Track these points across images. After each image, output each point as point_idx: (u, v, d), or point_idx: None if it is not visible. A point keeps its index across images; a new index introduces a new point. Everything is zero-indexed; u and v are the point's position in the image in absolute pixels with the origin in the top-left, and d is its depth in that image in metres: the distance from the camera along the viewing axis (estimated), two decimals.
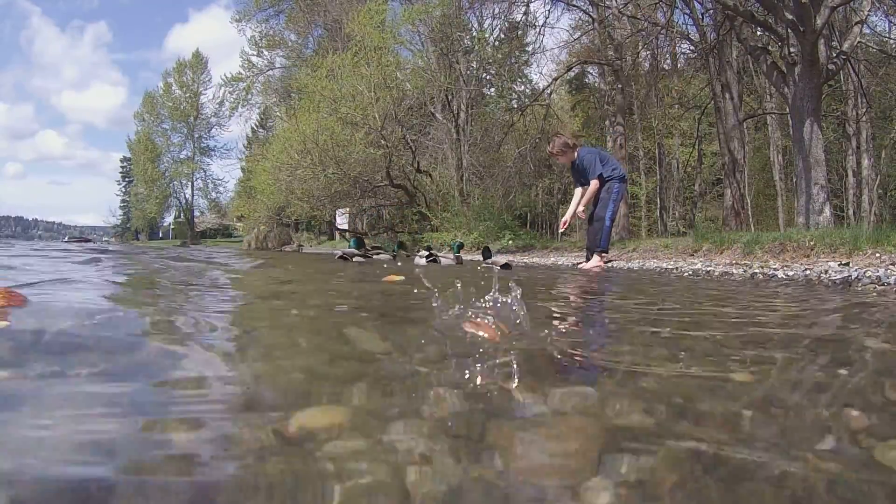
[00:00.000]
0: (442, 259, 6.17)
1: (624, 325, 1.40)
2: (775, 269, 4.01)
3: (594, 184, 5.57)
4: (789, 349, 1.06)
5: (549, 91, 15.67)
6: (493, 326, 0.96)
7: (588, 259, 5.84)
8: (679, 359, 0.93)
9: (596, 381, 0.76)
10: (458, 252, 6.84)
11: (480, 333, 0.95)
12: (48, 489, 0.38)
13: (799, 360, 0.97)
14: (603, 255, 5.69)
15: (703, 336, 1.19)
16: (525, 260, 9.03)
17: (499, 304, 0.99)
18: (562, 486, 0.43)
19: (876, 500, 0.45)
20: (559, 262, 7.56)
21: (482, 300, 1.00)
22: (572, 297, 2.37)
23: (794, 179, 9.27)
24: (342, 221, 21.04)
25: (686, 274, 4.49)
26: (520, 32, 16.80)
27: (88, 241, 43.59)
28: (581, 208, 5.67)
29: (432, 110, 17.08)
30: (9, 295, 1.11)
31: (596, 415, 0.60)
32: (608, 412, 0.61)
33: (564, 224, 5.82)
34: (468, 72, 17.01)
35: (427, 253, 6.13)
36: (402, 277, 2.48)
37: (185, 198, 45.12)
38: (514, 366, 0.79)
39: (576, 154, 5.73)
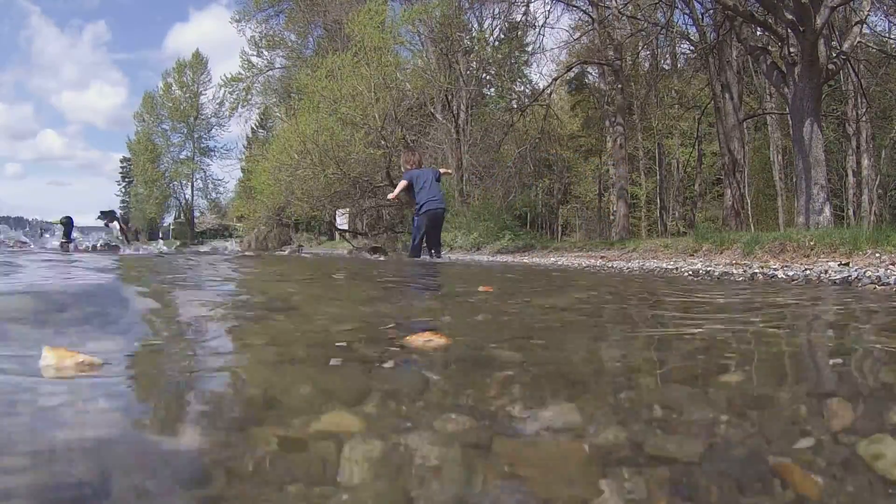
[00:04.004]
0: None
1: None
2: (775, 270, 4.01)
3: (404, 183, 6.31)
4: None
5: (549, 91, 15.68)
6: None
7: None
8: None
9: None
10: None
11: None
12: None
13: None
14: (412, 256, 6.33)
15: None
16: (525, 260, 9.04)
17: None
18: None
19: None
20: (559, 262, 7.56)
21: None
22: None
23: (794, 179, 9.27)
24: (342, 222, 21.03)
25: (686, 274, 4.49)
26: (520, 32, 16.80)
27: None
28: (391, 195, 6.81)
29: (432, 110, 17.07)
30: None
31: None
32: None
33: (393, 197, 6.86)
34: (468, 72, 17.01)
35: None
36: (493, 289, 2.41)
37: (185, 198, 45.07)
38: None
39: (409, 167, 6.47)
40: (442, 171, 6.89)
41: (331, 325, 1.41)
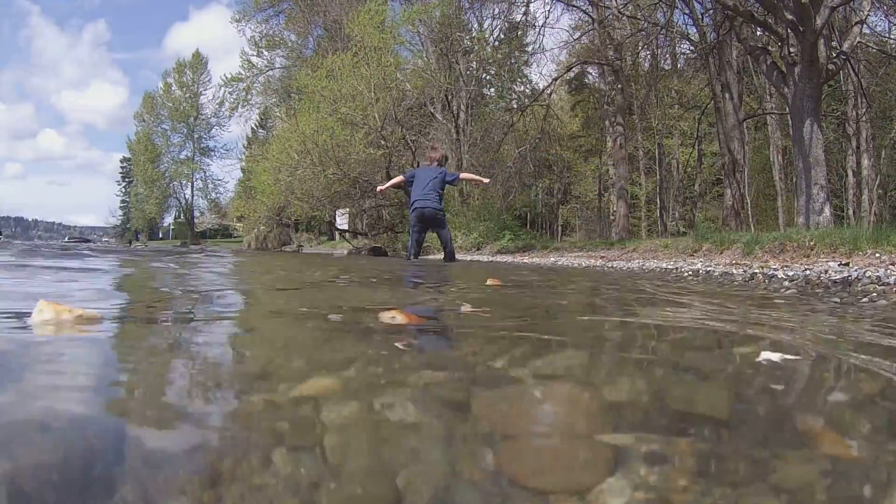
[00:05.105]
0: None
1: None
2: (775, 270, 4.01)
3: (396, 179, 6.56)
4: None
5: (549, 91, 15.68)
6: None
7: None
8: None
9: None
10: None
11: None
12: None
13: None
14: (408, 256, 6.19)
15: None
16: (525, 260, 9.03)
17: None
18: None
19: None
20: (559, 262, 7.56)
21: None
22: None
23: (794, 179, 9.27)
24: (342, 222, 21.04)
25: (686, 275, 4.49)
26: (520, 32, 16.80)
27: (88, 241, 43.59)
28: (381, 187, 6.89)
29: (432, 110, 17.07)
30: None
31: None
32: None
33: (381, 189, 6.95)
34: (468, 72, 17.01)
35: None
36: (499, 282, 2.50)
37: (184, 198, 45.12)
38: None
39: (426, 164, 6.29)
40: (464, 176, 6.34)
41: None
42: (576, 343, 0.99)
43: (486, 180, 6.65)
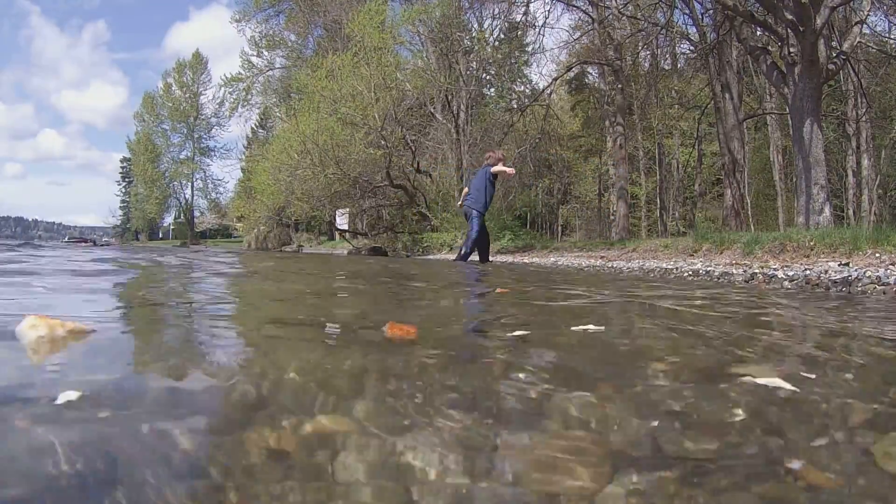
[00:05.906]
0: None
1: None
2: (775, 270, 4.01)
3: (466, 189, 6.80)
4: None
5: (548, 91, 15.67)
6: None
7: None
8: None
9: None
10: None
11: None
12: None
13: None
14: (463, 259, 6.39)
15: None
16: (525, 260, 9.03)
17: None
18: None
19: None
20: (559, 262, 7.56)
21: None
22: None
23: (794, 179, 9.27)
24: (342, 222, 21.04)
25: (686, 275, 4.49)
26: (520, 32, 16.80)
27: (87, 241, 43.54)
28: (459, 202, 7.03)
29: (432, 110, 17.07)
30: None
31: None
32: None
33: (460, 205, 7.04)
34: (468, 72, 17.01)
35: None
36: (508, 290, 2.44)
37: (184, 198, 45.11)
38: None
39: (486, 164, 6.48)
40: (494, 170, 6.22)
41: None
42: None
43: (510, 170, 6.79)
